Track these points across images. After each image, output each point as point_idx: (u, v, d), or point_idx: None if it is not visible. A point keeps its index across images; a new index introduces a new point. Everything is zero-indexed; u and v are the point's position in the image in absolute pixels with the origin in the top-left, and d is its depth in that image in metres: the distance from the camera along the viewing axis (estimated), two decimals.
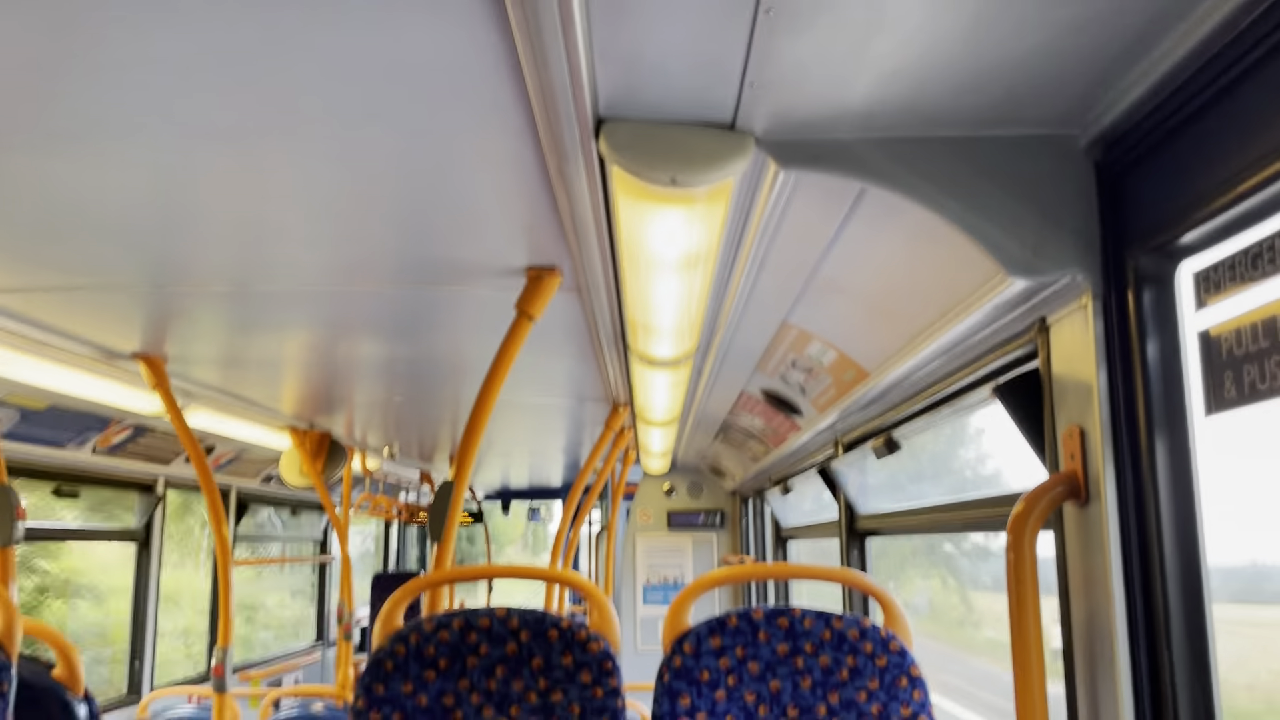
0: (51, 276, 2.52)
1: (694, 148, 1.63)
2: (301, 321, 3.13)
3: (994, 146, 1.74)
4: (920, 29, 1.40)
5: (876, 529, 4.00)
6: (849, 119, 1.68)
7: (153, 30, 1.35)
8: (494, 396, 2.54)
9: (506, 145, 1.73)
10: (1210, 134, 1.42)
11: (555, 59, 1.37)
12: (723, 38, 1.38)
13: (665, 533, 9.42)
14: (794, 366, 3.65)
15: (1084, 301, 1.75)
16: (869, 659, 2.08)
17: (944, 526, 3.12)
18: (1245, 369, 1.35)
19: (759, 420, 5.14)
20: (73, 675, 2.51)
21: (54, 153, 1.76)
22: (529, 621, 2.15)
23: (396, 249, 2.39)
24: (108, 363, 3.49)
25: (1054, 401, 1.89)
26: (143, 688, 5.42)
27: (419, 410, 5.22)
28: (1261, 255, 1.33)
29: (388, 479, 8.76)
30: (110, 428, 4.50)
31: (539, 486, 11.66)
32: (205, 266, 2.50)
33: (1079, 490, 1.78)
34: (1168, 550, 1.61)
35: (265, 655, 7.67)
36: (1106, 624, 1.70)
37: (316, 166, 1.84)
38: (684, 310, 2.61)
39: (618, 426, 4.71)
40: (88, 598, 8.35)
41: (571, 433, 6.32)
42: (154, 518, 5.47)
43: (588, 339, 3.30)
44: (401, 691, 2.10)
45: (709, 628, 2.13)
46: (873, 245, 2.28)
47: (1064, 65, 1.51)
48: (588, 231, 2.11)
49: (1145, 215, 1.60)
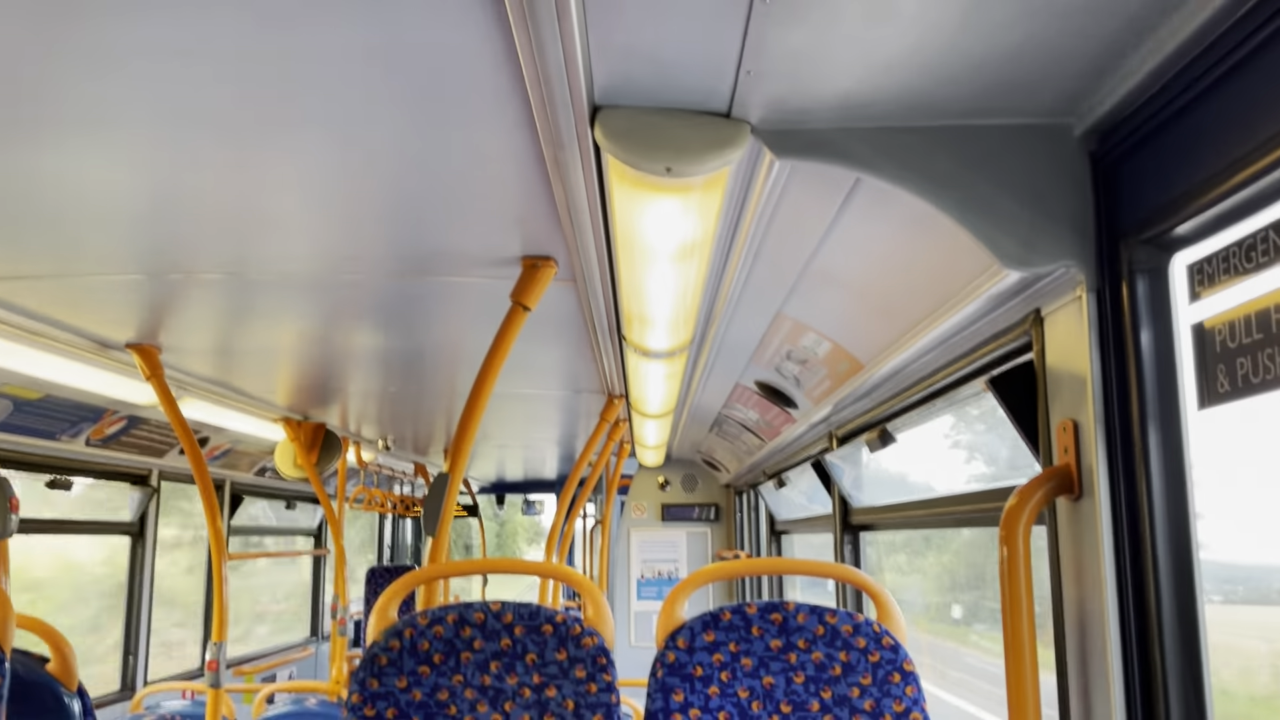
0: (44, 265, 2.51)
1: (690, 136, 1.62)
2: (296, 311, 3.12)
3: (989, 136, 1.74)
4: (915, 18, 1.40)
5: (870, 523, 4.00)
6: (844, 108, 1.68)
7: (149, 18, 1.34)
8: (489, 388, 2.54)
9: (502, 134, 1.73)
10: (1205, 124, 1.42)
11: (551, 47, 1.37)
12: (719, 26, 1.37)
13: (659, 526, 9.43)
14: (789, 358, 3.65)
15: (1078, 293, 1.75)
16: (862, 654, 2.08)
17: (937, 520, 3.12)
18: (1239, 362, 1.35)
19: (754, 413, 5.14)
20: (66, 669, 2.50)
21: (47, 140, 1.75)
22: (523, 616, 2.14)
23: (391, 238, 2.38)
24: (101, 353, 3.48)
25: (1048, 394, 1.89)
26: (136, 683, 5.42)
27: (413, 402, 5.22)
28: (1255, 247, 1.33)
29: (382, 471, 8.75)
30: (104, 419, 4.49)
31: (534, 479, 11.66)
32: (200, 255, 2.49)
33: (1072, 485, 1.78)
34: (1160, 545, 1.61)
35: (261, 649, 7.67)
36: (1098, 618, 1.70)
37: (311, 155, 1.84)
38: (679, 301, 2.60)
39: (612, 419, 4.71)
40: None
41: (566, 425, 6.31)
42: (148, 510, 5.46)
43: (583, 330, 3.30)
44: (396, 686, 2.10)
45: (703, 623, 2.13)
46: (867, 236, 2.28)
47: (1059, 54, 1.51)
48: (583, 221, 2.10)
49: (1140, 206, 1.60)
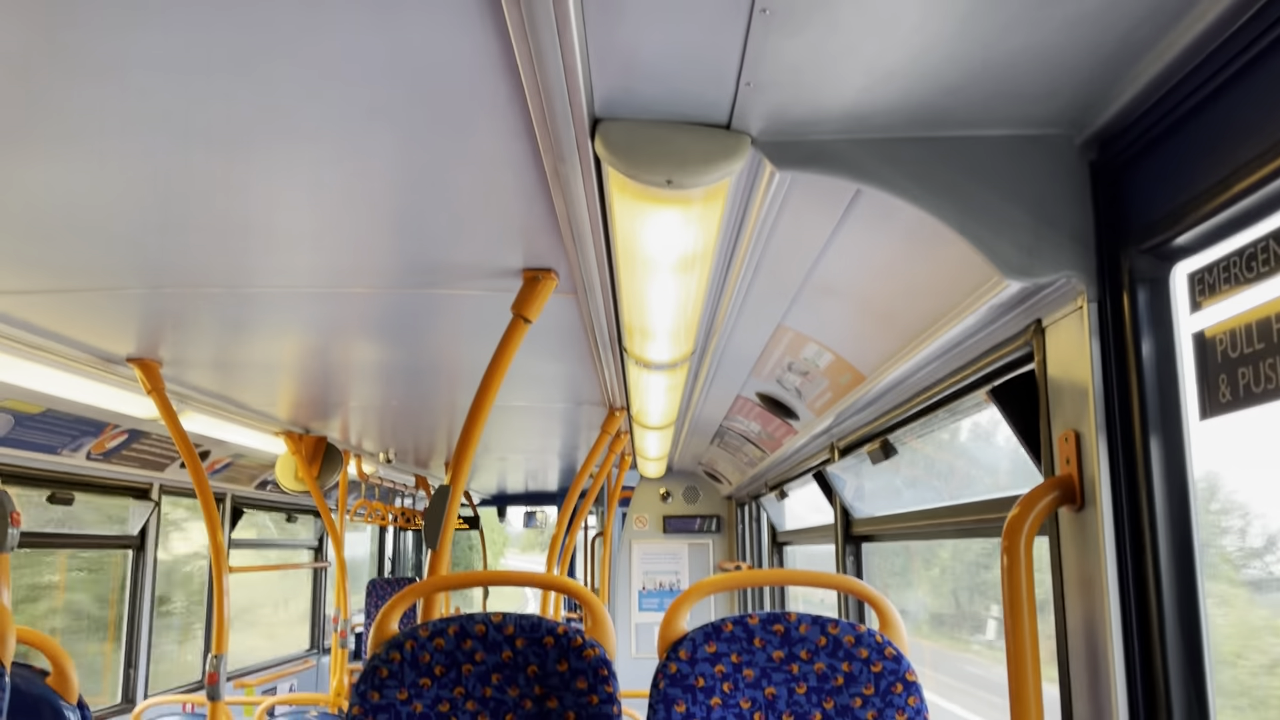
0: (45, 279, 2.51)
1: (690, 149, 1.62)
2: (297, 325, 3.12)
3: (989, 147, 1.74)
4: (914, 29, 1.40)
5: (872, 534, 3.99)
6: (845, 119, 1.68)
7: (148, 30, 1.34)
8: (490, 400, 2.53)
9: (502, 146, 1.73)
10: (1205, 134, 1.42)
11: (551, 59, 1.37)
12: (719, 37, 1.38)
13: (661, 538, 9.41)
14: (790, 370, 3.64)
15: (1079, 304, 1.75)
16: (864, 664, 2.07)
17: (939, 531, 3.11)
18: (1240, 371, 1.35)
19: (755, 424, 5.13)
20: (65, 682, 2.49)
21: (47, 154, 1.75)
22: (524, 628, 2.14)
23: (392, 251, 2.38)
24: (102, 367, 3.48)
25: (1050, 405, 1.89)
26: (137, 695, 5.40)
27: (415, 415, 5.22)
28: (1256, 256, 1.33)
29: (383, 484, 8.74)
30: (105, 433, 4.49)
31: (535, 491, 11.64)
32: (200, 269, 2.49)
33: (1074, 495, 1.77)
34: (1163, 555, 1.60)
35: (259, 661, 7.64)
36: (1102, 628, 1.69)
37: (311, 168, 1.84)
38: (680, 313, 2.60)
39: (614, 430, 4.70)
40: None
41: (567, 437, 6.31)
42: (149, 523, 5.45)
43: (584, 342, 3.30)
44: (397, 699, 2.09)
45: (704, 634, 2.12)
46: (868, 248, 2.28)
47: (1059, 64, 1.51)
48: (584, 233, 2.10)
49: (1140, 216, 1.60)
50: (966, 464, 3.40)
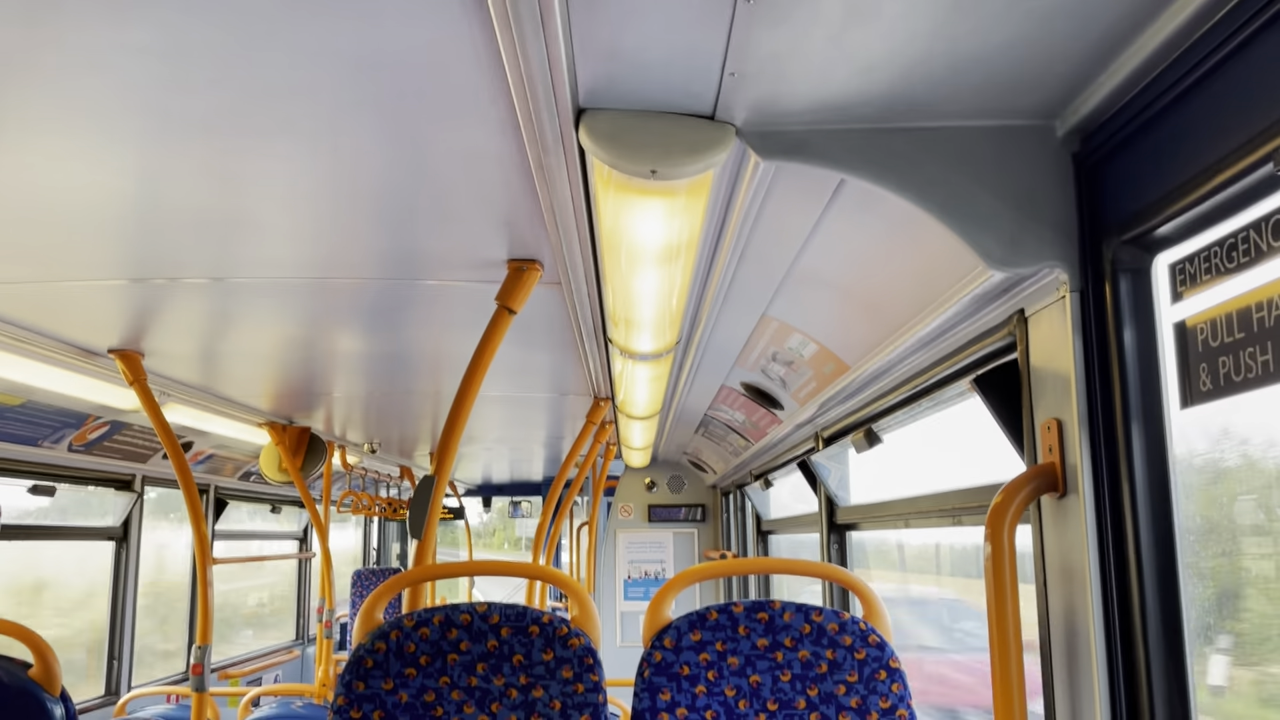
0: (25, 270, 2.49)
1: (675, 139, 1.62)
2: (280, 316, 3.10)
3: (972, 138, 1.75)
4: (898, 20, 1.41)
5: (857, 522, 4.02)
6: (829, 110, 1.69)
7: (131, 21, 1.33)
8: (474, 390, 2.53)
9: (486, 137, 1.72)
10: (1187, 125, 1.43)
11: (535, 49, 1.37)
12: (703, 27, 1.38)
13: (646, 527, 9.44)
14: (774, 359, 3.65)
15: (1062, 294, 1.76)
16: (848, 652, 2.09)
17: (923, 519, 3.13)
18: (1221, 360, 1.36)
19: (740, 414, 5.15)
20: (49, 675, 2.48)
21: (27, 144, 1.74)
22: (510, 617, 2.14)
23: (375, 242, 2.37)
24: (84, 358, 3.45)
25: (1032, 394, 1.90)
26: (121, 688, 5.38)
27: (399, 405, 5.20)
28: (1236, 247, 1.34)
29: (368, 475, 8.72)
30: (87, 424, 4.46)
31: (520, 481, 11.64)
32: (183, 260, 2.47)
33: (1056, 483, 1.79)
34: (1144, 542, 1.62)
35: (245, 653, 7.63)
36: (1083, 615, 1.71)
37: (295, 158, 1.83)
38: (665, 303, 2.60)
39: (599, 420, 4.70)
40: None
41: (552, 427, 6.31)
42: (132, 515, 5.43)
43: (569, 332, 3.29)
44: (382, 689, 2.09)
45: (689, 622, 2.13)
46: (852, 237, 2.29)
47: (1041, 56, 1.52)
48: (568, 224, 2.10)
49: (1122, 207, 1.61)
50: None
